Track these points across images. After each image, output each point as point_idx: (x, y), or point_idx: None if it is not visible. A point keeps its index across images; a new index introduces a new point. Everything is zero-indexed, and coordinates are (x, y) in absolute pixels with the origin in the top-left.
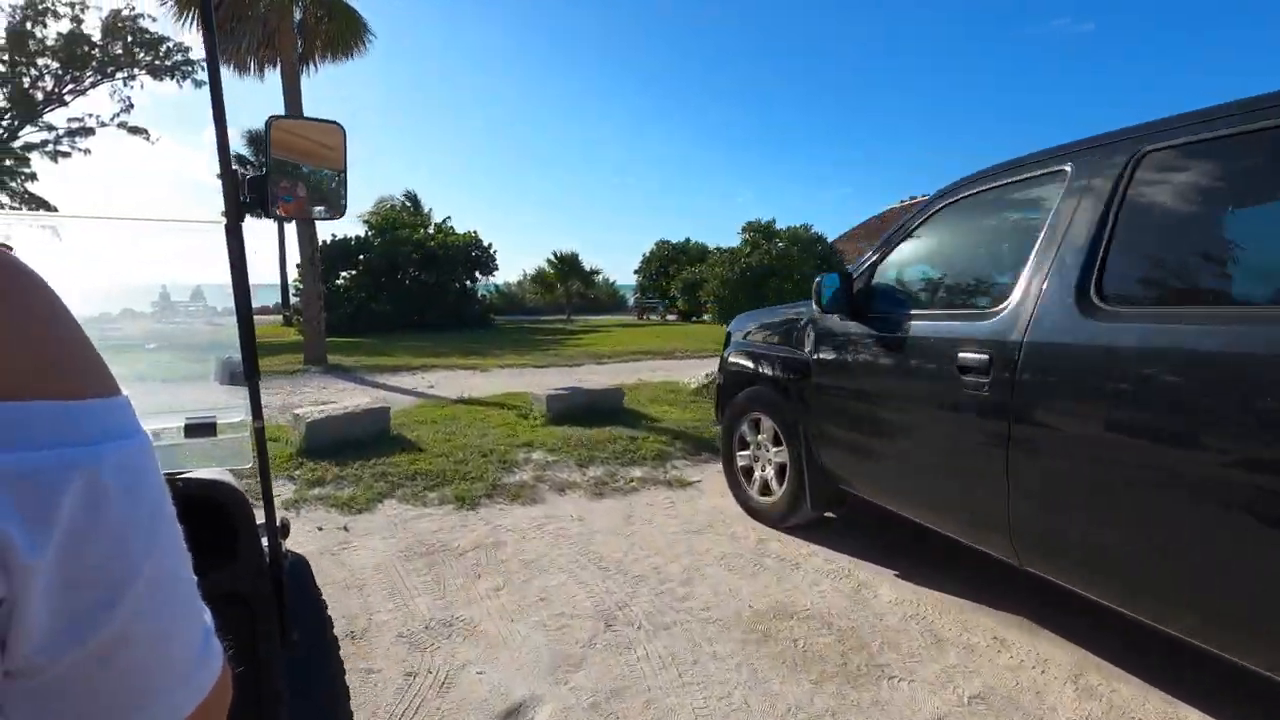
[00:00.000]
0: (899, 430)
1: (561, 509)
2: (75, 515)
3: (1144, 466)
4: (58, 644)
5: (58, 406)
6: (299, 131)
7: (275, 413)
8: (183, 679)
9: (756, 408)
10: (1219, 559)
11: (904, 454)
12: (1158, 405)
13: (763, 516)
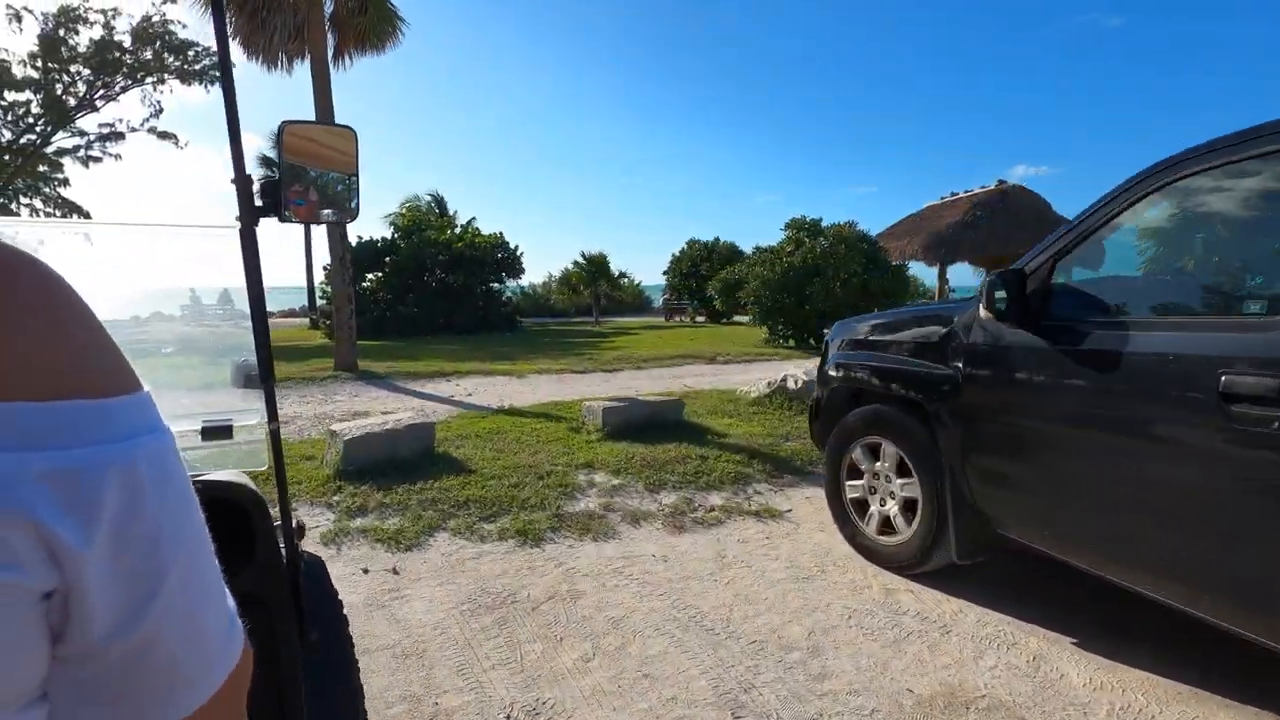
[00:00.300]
0: (1109, 472)
1: (640, 546)
2: (117, 509)
3: None
4: (113, 631)
5: (91, 405)
6: (311, 136)
7: (308, 424)
8: (211, 659)
9: (875, 431)
10: None
11: (1117, 503)
12: None
13: (882, 559)
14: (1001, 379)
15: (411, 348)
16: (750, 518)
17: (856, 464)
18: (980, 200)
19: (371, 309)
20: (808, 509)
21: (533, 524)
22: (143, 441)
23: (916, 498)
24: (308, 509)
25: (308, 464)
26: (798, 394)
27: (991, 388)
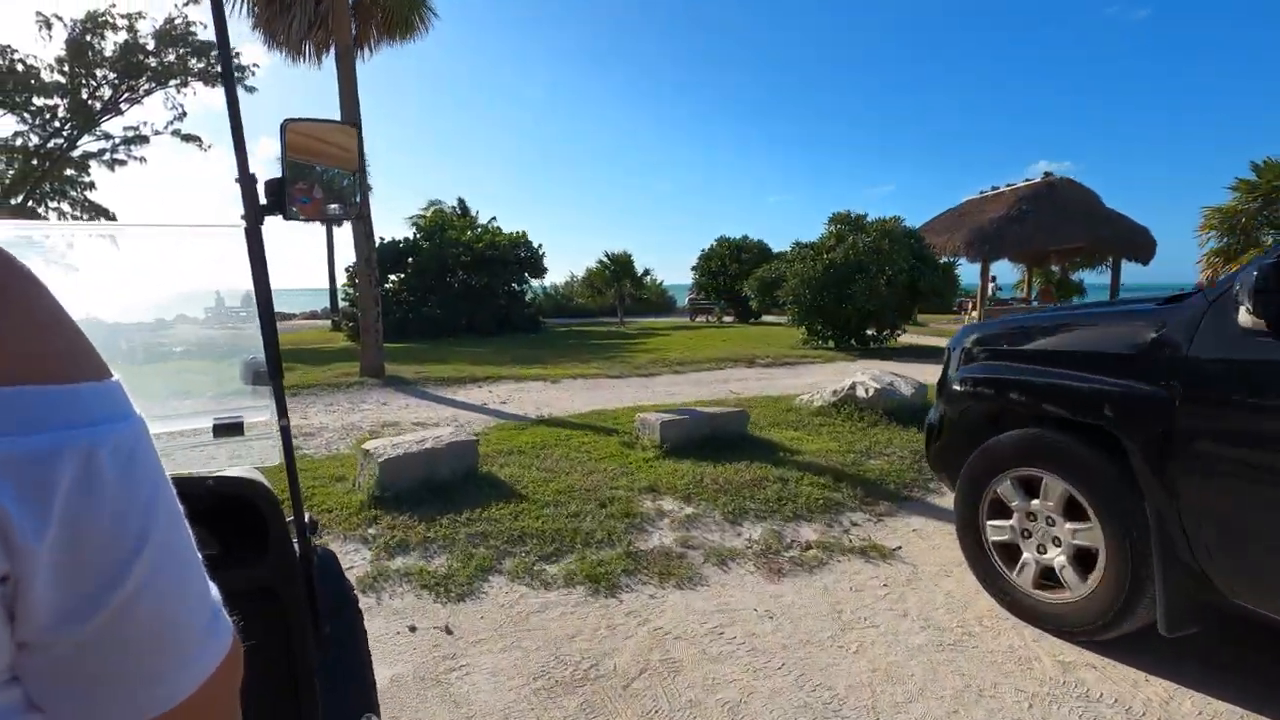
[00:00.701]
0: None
1: (735, 596)
2: (72, 496)
3: None
4: (66, 620)
5: (52, 390)
6: (313, 134)
7: (336, 436)
8: (189, 654)
9: (1033, 462)
10: None
11: None
12: None
13: (1042, 619)
14: (1257, 405)
15: (437, 350)
16: (856, 557)
17: (1003, 500)
18: (1026, 194)
19: (394, 310)
20: (920, 546)
21: (603, 566)
22: (106, 429)
23: (1095, 548)
24: (341, 544)
25: (338, 487)
26: (869, 404)
27: (1236, 415)
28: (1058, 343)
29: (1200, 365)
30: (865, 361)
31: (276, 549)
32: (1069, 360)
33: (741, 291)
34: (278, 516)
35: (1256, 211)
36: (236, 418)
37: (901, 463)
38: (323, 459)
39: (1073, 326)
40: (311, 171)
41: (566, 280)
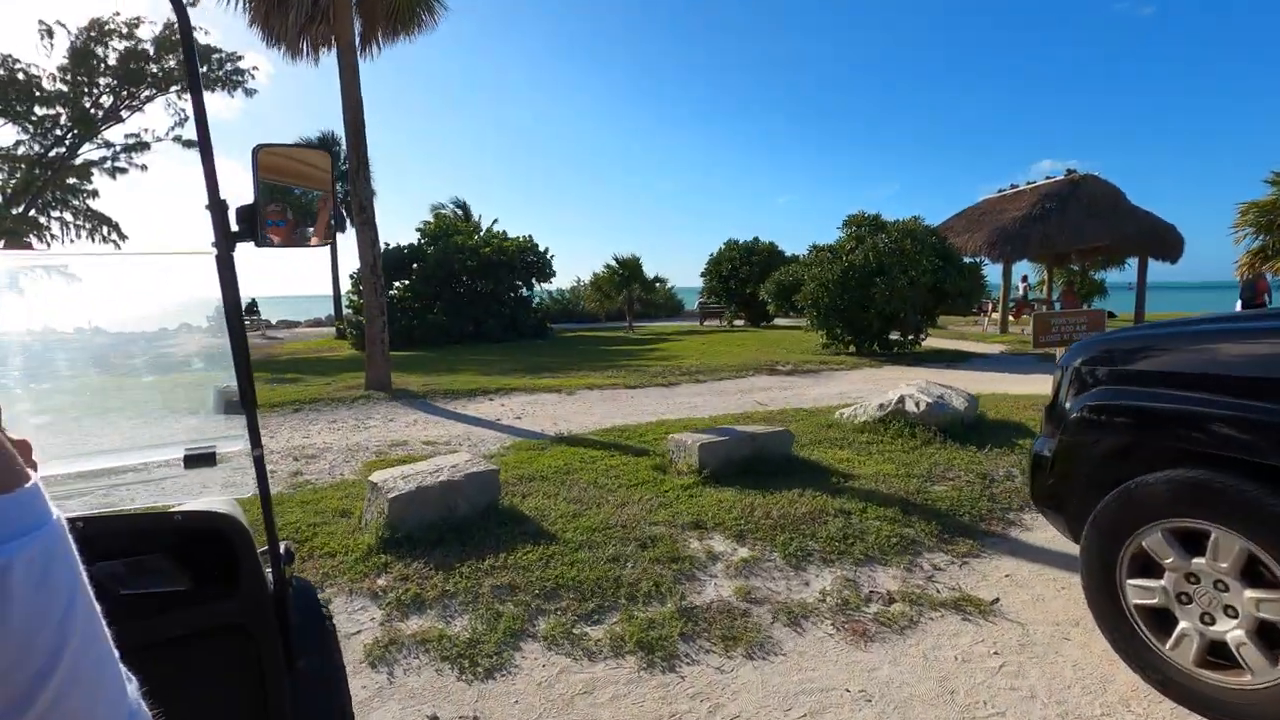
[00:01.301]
0: None
1: (820, 670)
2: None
3: None
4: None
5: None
6: (287, 158)
7: (340, 459)
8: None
9: (1195, 511)
10: None
11: None
12: None
13: (1213, 706)
14: None
15: (444, 359)
16: (950, 613)
17: (1152, 556)
18: (1049, 191)
19: (400, 317)
20: (1021, 598)
21: (655, 628)
22: (15, 545)
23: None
24: (346, 600)
25: (343, 524)
26: (920, 419)
27: None
28: (1233, 364)
29: None
30: (891, 368)
31: (248, 582)
32: (1256, 388)
33: (754, 294)
34: (248, 549)
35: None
36: (209, 447)
37: (971, 489)
38: (326, 487)
39: (1256, 344)
40: (286, 196)
41: (573, 285)
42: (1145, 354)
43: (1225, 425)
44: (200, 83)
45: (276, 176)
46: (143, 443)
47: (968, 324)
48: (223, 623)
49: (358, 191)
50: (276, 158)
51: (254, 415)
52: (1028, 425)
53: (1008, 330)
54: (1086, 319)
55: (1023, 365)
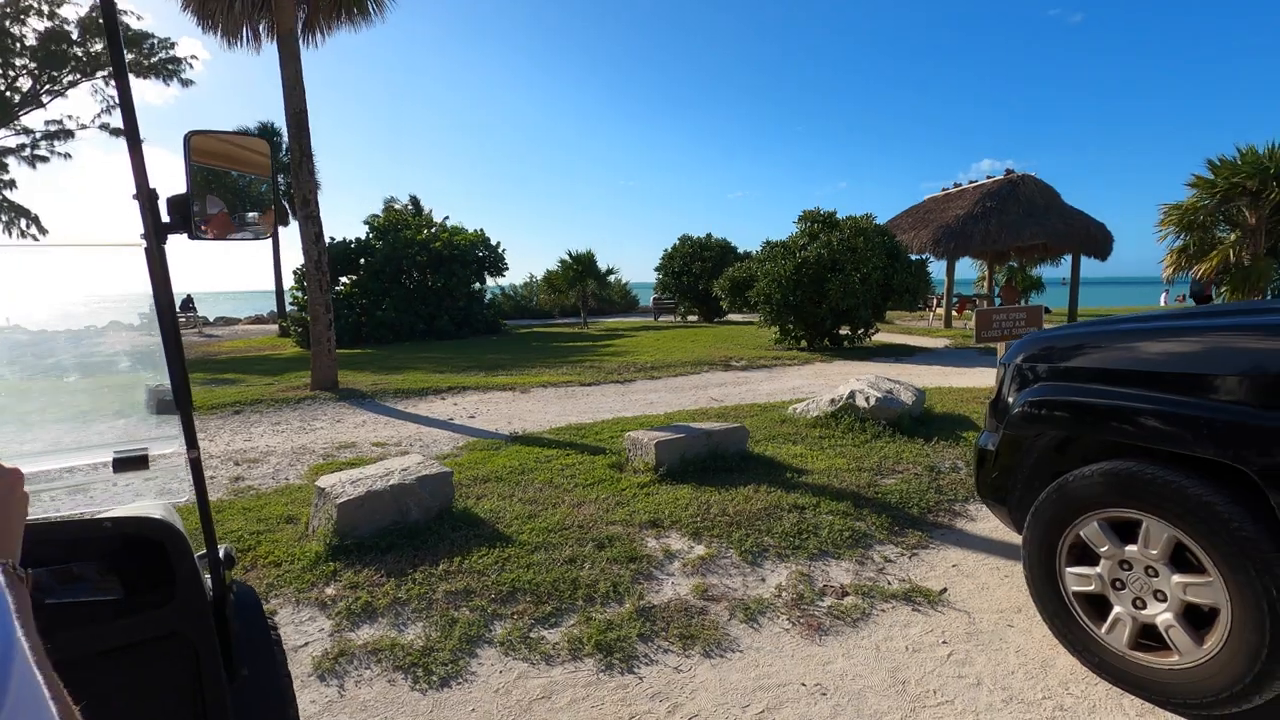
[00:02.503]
0: None
1: (777, 666)
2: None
3: None
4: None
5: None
6: (221, 147)
7: (285, 462)
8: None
9: (1129, 501)
10: None
11: None
12: None
13: (1142, 685)
14: None
15: (394, 356)
16: (900, 604)
17: (1088, 544)
18: (990, 191)
19: (347, 314)
20: (967, 587)
21: (613, 630)
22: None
23: (1215, 605)
24: (292, 610)
25: (289, 531)
26: (870, 414)
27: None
28: (1161, 361)
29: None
30: (842, 363)
31: (185, 589)
32: (1181, 383)
33: (707, 290)
34: (185, 554)
35: (1214, 209)
36: (140, 450)
37: (919, 482)
38: (270, 492)
39: (1180, 342)
40: (221, 187)
41: (525, 281)
42: (1080, 351)
43: (1151, 419)
44: (125, 65)
45: (211, 162)
46: (68, 446)
47: (914, 319)
48: (159, 632)
49: (301, 184)
50: (211, 143)
51: (190, 415)
52: (971, 418)
53: (951, 325)
54: (1025, 314)
55: (966, 359)
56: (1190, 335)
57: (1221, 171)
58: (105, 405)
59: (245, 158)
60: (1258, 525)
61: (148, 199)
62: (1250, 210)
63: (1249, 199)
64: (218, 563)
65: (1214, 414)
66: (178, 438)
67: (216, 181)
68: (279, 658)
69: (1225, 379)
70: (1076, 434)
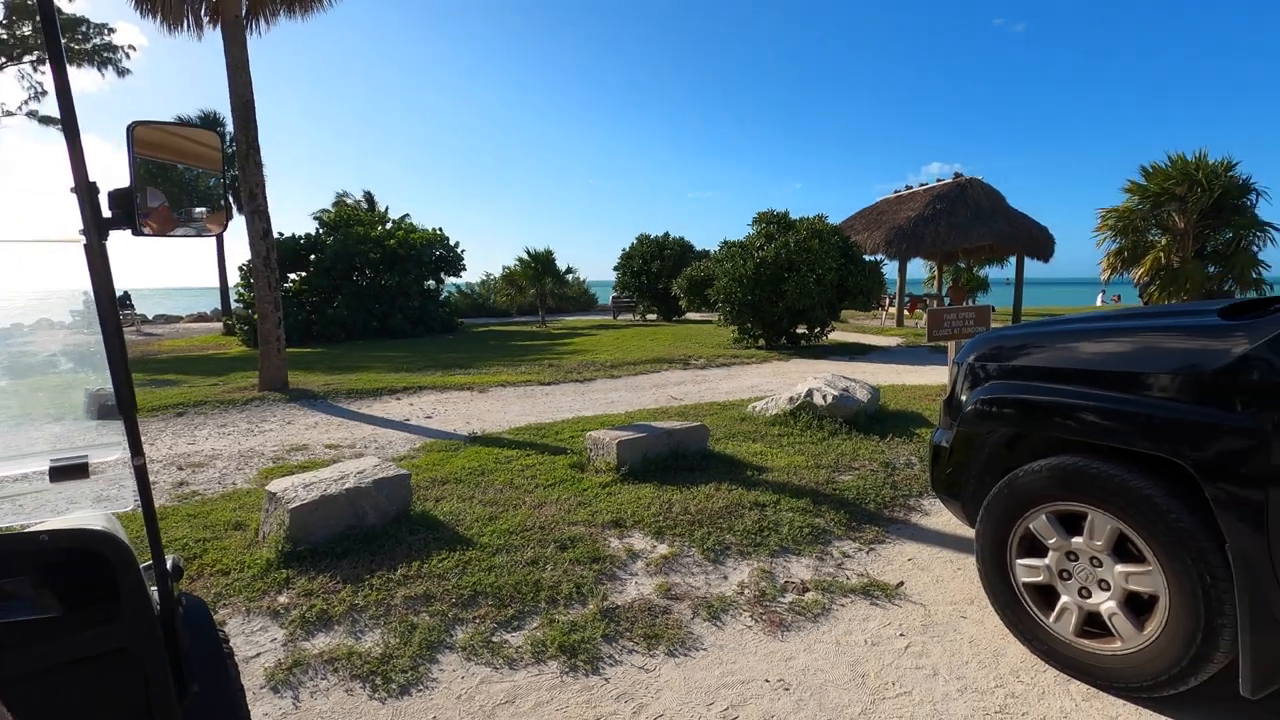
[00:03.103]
0: None
1: (740, 663)
2: None
3: None
4: None
5: None
6: (168, 137)
7: (232, 466)
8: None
9: (1075, 495)
10: None
11: None
12: None
13: (1087, 672)
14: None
15: (347, 356)
16: (859, 599)
17: (1037, 537)
18: (939, 193)
19: (296, 312)
20: (923, 580)
21: (576, 631)
22: None
23: (1154, 593)
24: (243, 620)
25: (237, 537)
26: (828, 411)
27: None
28: (1100, 360)
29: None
30: (799, 361)
31: (130, 603)
32: (1119, 381)
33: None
34: (130, 566)
35: (1147, 214)
36: (80, 458)
37: (875, 478)
38: (216, 498)
39: (1117, 341)
40: (167, 181)
41: (483, 280)
42: (1028, 351)
43: (1094, 415)
44: (62, 51)
45: (156, 155)
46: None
47: (868, 318)
48: (104, 648)
49: (248, 177)
50: (157, 134)
51: (134, 420)
52: (924, 415)
53: (903, 324)
54: (974, 314)
55: (918, 357)
56: (1129, 335)
57: (1154, 178)
58: (38, 410)
59: (193, 150)
60: (1194, 516)
61: (87, 192)
62: (1179, 215)
63: (1178, 204)
64: (165, 574)
65: (1151, 410)
66: (120, 443)
67: (162, 175)
68: (231, 672)
69: (1161, 377)
70: (1026, 431)
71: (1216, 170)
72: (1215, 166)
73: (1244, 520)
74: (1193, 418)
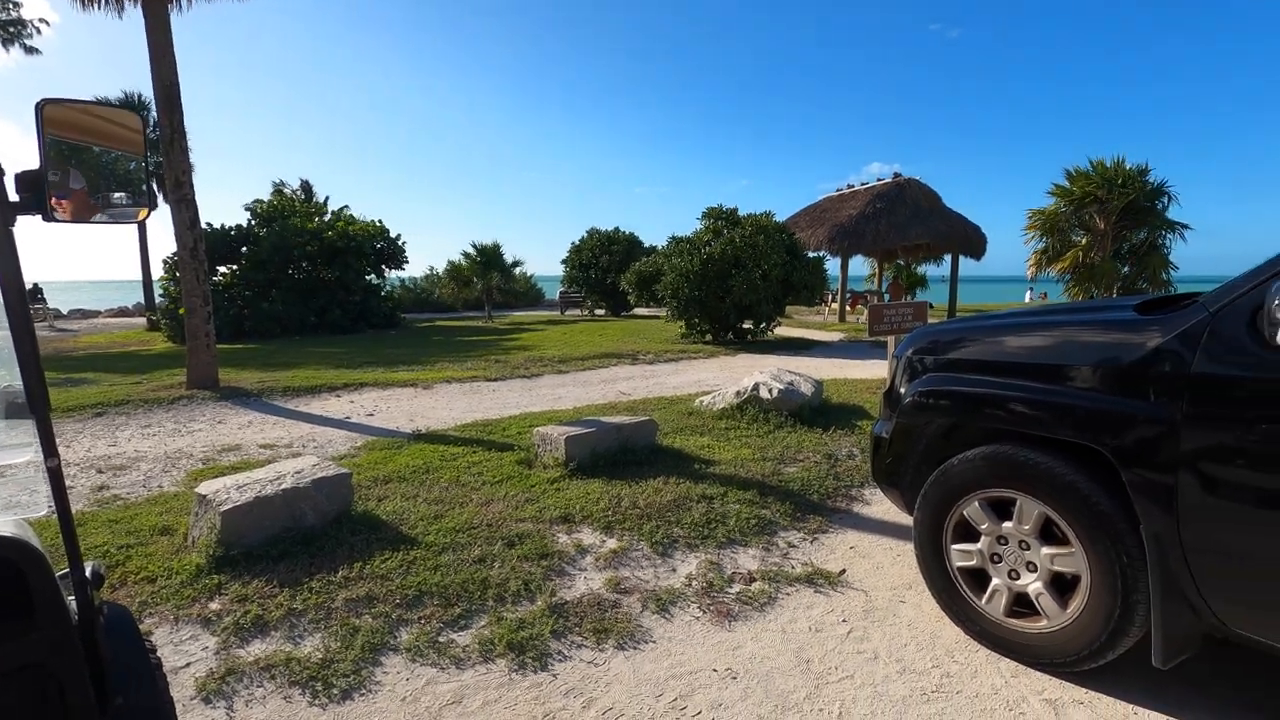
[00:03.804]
0: None
1: (689, 653)
2: None
3: None
4: None
5: None
6: (83, 117)
7: (158, 469)
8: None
9: (1005, 482)
10: None
11: None
12: None
13: (1016, 650)
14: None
15: (282, 352)
16: (804, 587)
17: (970, 523)
18: (880, 192)
19: (228, 307)
20: (864, 567)
21: (525, 628)
22: None
23: (1077, 573)
24: (171, 629)
25: (164, 543)
26: (774, 405)
27: (1250, 439)
28: (1027, 353)
29: (1210, 384)
30: (745, 356)
31: (46, 614)
32: (1045, 373)
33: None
34: (44, 575)
35: (1070, 215)
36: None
37: (819, 469)
38: (140, 502)
39: (1043, 335)
40: (83, 163)
41: (427, 274)
42: (962, 345)
43: (1021, 406)
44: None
45: (69, 135)
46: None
47: (812, 314)
48: (17, 664)
49: (173, 164)
50: (69, 114)
51: (47, 419)
52: (865, 408)
53: (845, 319)
54: (912, 309)
55: (859, 352)
56: (1054, 330)
57: (1077, 181)
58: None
59: (111, 132)
60: (1113, 500)
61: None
62: (1099, 216)
63: (1098, 206)
64: (84, 583)
65: (1074, 400)
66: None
67: (76, 157)
68: (159, 683)
69: (1083, 369)
70: (960, 421)
71: (1132, 175)
72: (1131, 171)
73: (1156, 503)
74: (1111, 407)
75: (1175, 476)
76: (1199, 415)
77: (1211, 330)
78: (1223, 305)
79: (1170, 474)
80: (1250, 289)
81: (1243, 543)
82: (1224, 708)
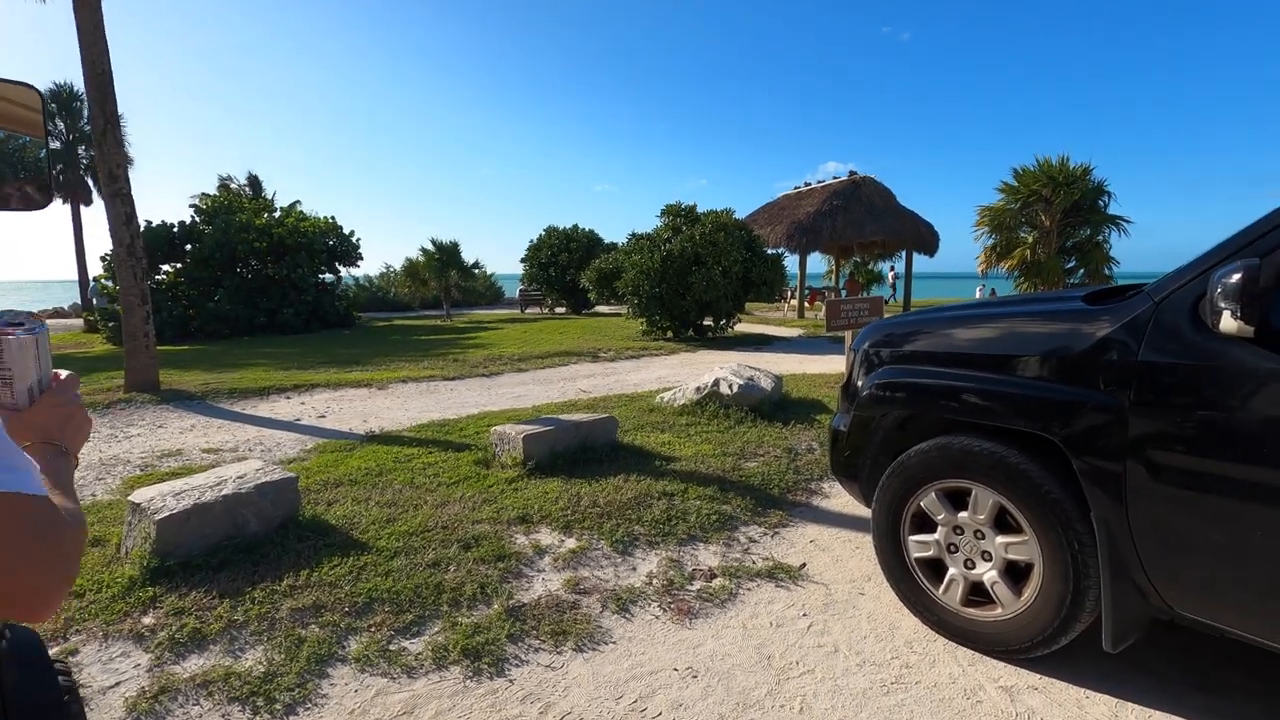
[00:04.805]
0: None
1: (650, 653)
2: None
3: None
4: None
5: None
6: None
7: (93, 476)
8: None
9: (960, 473)
10: None
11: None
12: None
13: (973, 639)
14: (1221, 416)
15: (229, 353)
16: (764, 582)
17: (927, 514)
18: (836, 190)
19: (170, 307)
20: (823, 560)
21: (480, 633)
22: None
23: (1030, 561)
24: (99, 647)
25: (94, 555)
26: (734, 400)
27: (1194, 425)
28: (979, 345)
29: (1156, 371)
30: (706, 352)
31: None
32: (996, 364)
33: (575, 282)
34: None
35: (1018, 212)
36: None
37: (779, 464)
38: None
39: (994, 327)
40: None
41: (383, 272)
42: (916, 338)
43: (973, 396)
44: None
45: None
46: None
47: (771, 310)
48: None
49: (106, 156)
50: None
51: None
52: (824, 402)
53: (804, 315)
54: (869, 305)
55: (818, 347)
56: (1006, 321)
57: (1024, 179)
58: None
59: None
60: (1064, 488)
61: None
62: (1045, 214)
63: (1044, 204)
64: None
65: (1026, 390)
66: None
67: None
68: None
69: (1034, 359)
70: (916, 412)
71: (1076, 174)
72: (1075, 170)
73: (1106, 490)
74: (1061, 396)
75: (1123, 463)
76: (1145, 402)
77: (1156, 319)
78: (1166, 295)
79: (1119, 460)
80: (1192, 279)
81: (1187, 526)
82: (1173, 688)
